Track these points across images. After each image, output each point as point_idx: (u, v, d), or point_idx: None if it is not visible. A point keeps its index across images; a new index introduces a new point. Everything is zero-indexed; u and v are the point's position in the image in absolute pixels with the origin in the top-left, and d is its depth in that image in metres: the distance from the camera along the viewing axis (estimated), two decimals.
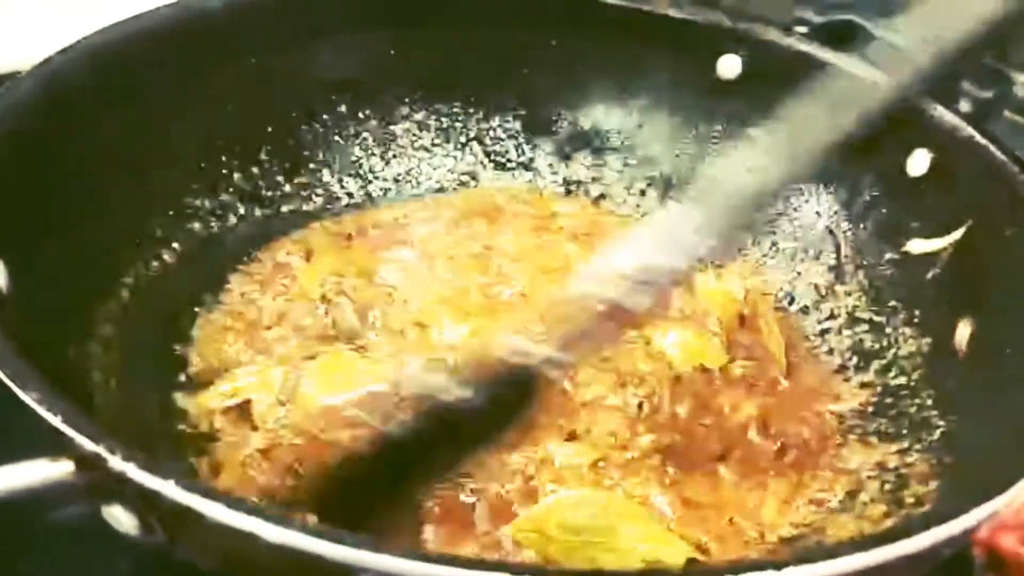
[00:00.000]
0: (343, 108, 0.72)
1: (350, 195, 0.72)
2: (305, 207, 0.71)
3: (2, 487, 0.36)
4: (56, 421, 0.36)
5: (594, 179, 0.75)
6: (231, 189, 0.67)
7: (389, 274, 0.65)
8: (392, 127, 0.74)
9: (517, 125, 0.76)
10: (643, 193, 0.74)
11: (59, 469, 0.36)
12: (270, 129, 0.69)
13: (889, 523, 0.51)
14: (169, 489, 0.34)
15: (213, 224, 0.66)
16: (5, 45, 0.74)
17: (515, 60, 0.74)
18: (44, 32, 0.70)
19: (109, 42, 0.60)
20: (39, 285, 0.49)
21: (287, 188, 0.70)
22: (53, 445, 0.37)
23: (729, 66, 0.71)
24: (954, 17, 0.53)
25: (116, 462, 0.35)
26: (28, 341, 0.42)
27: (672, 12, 0.71)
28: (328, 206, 0.71)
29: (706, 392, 0.59)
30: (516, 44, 0.74)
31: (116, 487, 0.36)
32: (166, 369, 0.57)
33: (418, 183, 0.74)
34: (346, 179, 0.72)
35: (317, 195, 0.71)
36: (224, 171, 0.67)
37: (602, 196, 0.75)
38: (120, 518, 0.37)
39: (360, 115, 0.73)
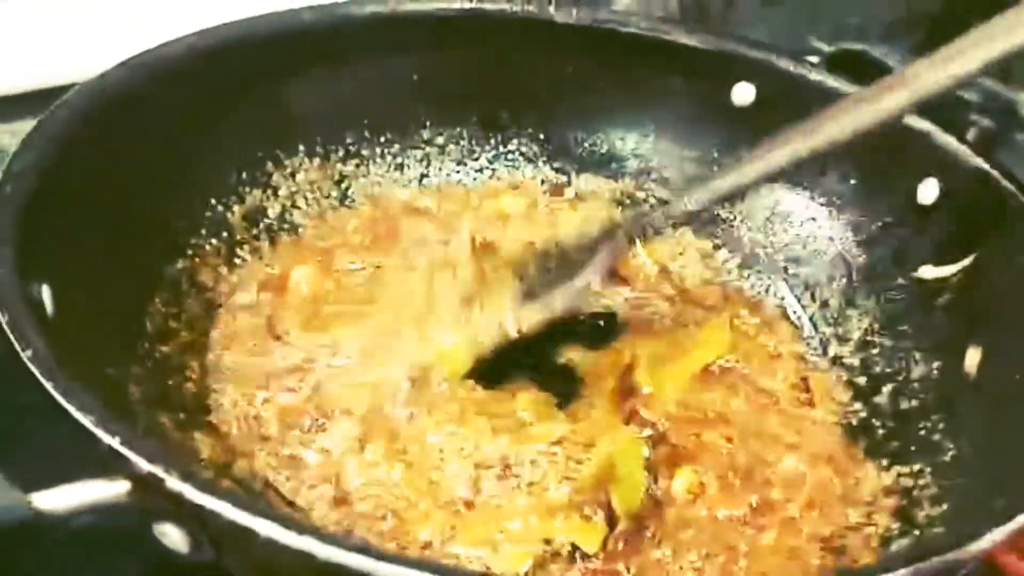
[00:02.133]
0: (366, 131, 0.74)
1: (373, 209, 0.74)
2: (324, 226, 0.72)
3: (61, 508, 0.37)
4: (114, 442, 0.37)
5: (609, 200, 0.77)
6: (254, 209, 0.69)
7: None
8: (413, 151, 0.76)
9: (535, 148, 0.78)
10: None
11: (115, 489, 0.38)
12: (300, 149, 0.71)
13: (901, 544, 0.53)
14: (226, 509, 0.36)
15: (244, 244, 0.67)
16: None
17: (533, 85, 0.76)
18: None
19: (145, 65, 0.62)
20: (80, 307, 0.50)
21: (310, 211, 0.71)
22: (106, 465, 0.39)
23: (743, 94, 0.73)
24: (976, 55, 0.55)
25: (173, 482, 0.37)
26: (72, 362, 0.43)
27: (688, 40, 0.73)
28: (347, 222, 0.73)
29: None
30: (534, 69, 0.75)
31: (170, 506, 0.38)
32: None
33: (438, 203, 0.76)
34: (365, 199, 0.74)
35: (341, 215, 0.72)
36: (248, 190, 0.69)
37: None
38: (172, 536, 0.39)
39: (382, 139, 0.75)
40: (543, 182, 0.77)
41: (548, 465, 0.55)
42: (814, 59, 0.73)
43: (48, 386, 0.39)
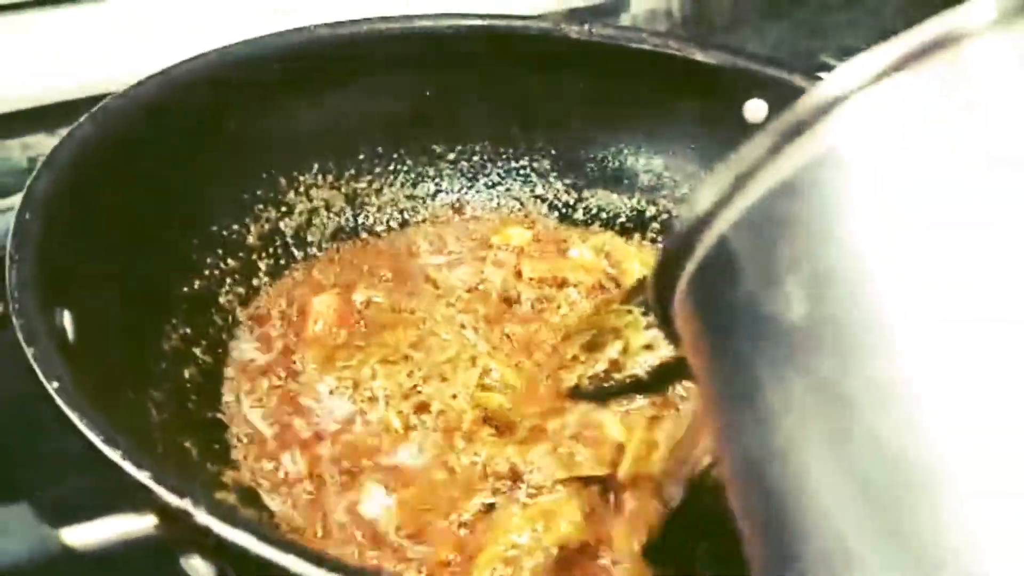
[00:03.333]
0: (380, 148, 0.74)
1: (388, 230, 0.74)
2: (340, 246, 0.72)
3: (91, 542, 0.37)
4: (143, 477, 0.38)
5: (622, 218, 0.77)
6: (269, 229, 0.69)
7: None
8: (425, 167, 0.76)
9: (547, 164, 0.78)
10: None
11: (144, 523, 0.38)
12: (314, 167, 0.72)
13: None
14: (253, 544, 0.36)
15: (260, 264, 0.68)
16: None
17: (545, 101, 0.76)
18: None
19: (160, 85, 0.62)
20: (99, 331, 0.51)
21: (325, 231, 0.72)
22: (133, 498, 0.39)
23: (755, 110, 0.73)
24: None
25: (201, 516, 0.37)
26: (94, 388, 0.43)
27: (700, 56, 0.73)
28: (362, 243, 0.73)
29: None
30: (546, 86, 0.76)
31: (198, 540, 0.38)
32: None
33: (450, 221, 0.76)
34: (381, 217, 0.74)
35: (351, 233, 0.73)
36: (263, 209, 0.69)
37: (629, 234, 0.77)
38: (200, 569, 0.39)
39: (394, 155, 0.75)
40: (551, 207, 0.77)
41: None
42: (825, 75, 0.73)
43: (75, 420, 0.39)
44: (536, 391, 0.61)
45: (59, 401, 0.41)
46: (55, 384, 0.41)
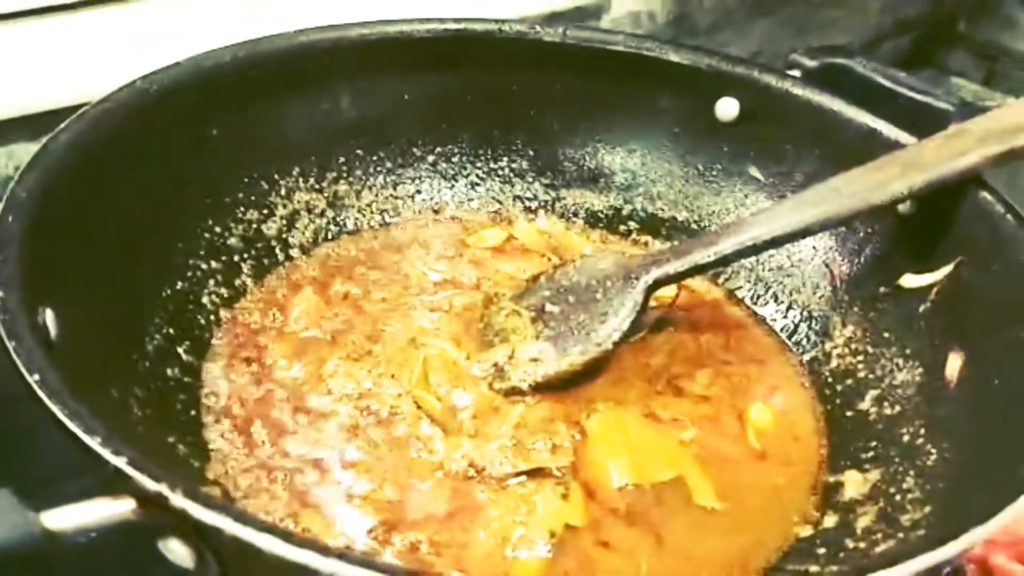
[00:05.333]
0: (360, 151, 0.75)
1: (368, 231, 0.75)
2: (321, 247, 0.74)
3: (69, 526, 0.39)
4: (120, 463, 0.39)
5: (598, 216, 0.79)
6: (251, 232, 0.70)
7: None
8: (405, 169, 0.77)
9: (525, 164, 0.79)
10: (646, 229, 0.78)
11: (121, 507, 0.39)
12: (295, 170, 0.73)
13: (886, 547, 0.54)
14: (230, 525, 0.37)
15: (243, 266, 0.69)
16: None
17: (522, 103, 0.78)
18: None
19: (141, 89, 0.63)
20: (83, 329, 0.52)
21: (307, 232, 0.73)
22: (113, 484, 0.40)
23: (727, 108, 0.74)
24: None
25: (177, 499, 0.38)
26: (77, 384, 0.44)
27: (672, 57, 0.75)
28: (343, 244, 0.74)
29: None
30: (523, 88, 0.77)
31: (175, 523, 0.39)
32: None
33: (430, 223, 0.77)
34: (362, 219, 0.75)
35: (335, 235, 0.74)
36: (245, 211, 0.70)
37: (606, 232, 0.78)
38: (177, 552, 0.40)
39: (374, 158, 0.76)
40: (529, 206, 0.79)
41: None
42: (797, 73, 0.74)
43: (56, 411, 0.41)
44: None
45: (40, 393, 0.42)
46: (36, 377, 0.42)
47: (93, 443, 0.40)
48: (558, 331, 0.64)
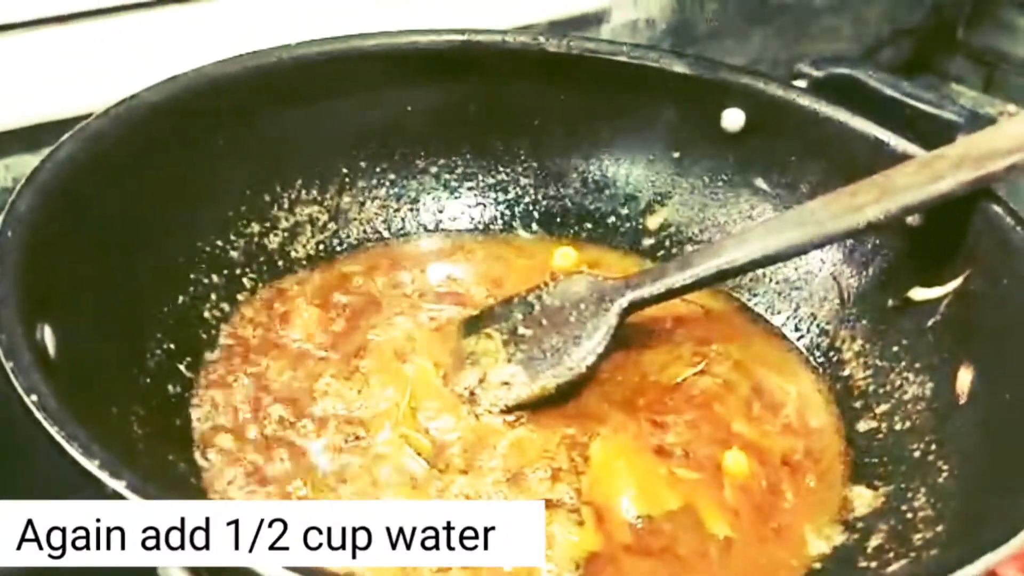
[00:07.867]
0: (363, 163, 0.75)
1: (371, 244, 0.75)
2: (322, 260, 0.73)
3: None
4: (119, 486, 0.38)
5: (604, 227, 0.78)
6: (253, 245, 0.70)
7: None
8: (408, 181, 0.77)
9: (528, 176, 0.79)
10: (651, 240, 0.77)
11: None
12: (298, 183, 0.72)
13: (899, 566, 0.53)
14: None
15: (244, 279, 0.68)
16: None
17: (525, 114, 0.77)
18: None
19: (142, 103, 0.62)
20: (82, 346, 0.51)
21: (309, 245, 0.72)
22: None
23: (733, 119, 0.74)
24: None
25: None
26: (75, 403, 0.44)
27: (677, 68, 0.74)
28: (347, 256, 0.74)
29: None
30: (526, 99, 0.76)
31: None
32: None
33: (433, 234, 0.77)
34: (364, 231, 0.75)
35: (338, 248, 0.74)
36: (247, 225, 0.70)
37: (611, 244, 0.77)
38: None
39: (377, 169, 0.76)
40: (533, 218, 0.78)
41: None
42: (802, 83, 0.74)
43: (53, 433, 0.40)
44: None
45: (38, 415, 0.41)
46: (33, 398, 0.42)
47: (91, 466, 0.39)
48: (530, 354, 0.63)
